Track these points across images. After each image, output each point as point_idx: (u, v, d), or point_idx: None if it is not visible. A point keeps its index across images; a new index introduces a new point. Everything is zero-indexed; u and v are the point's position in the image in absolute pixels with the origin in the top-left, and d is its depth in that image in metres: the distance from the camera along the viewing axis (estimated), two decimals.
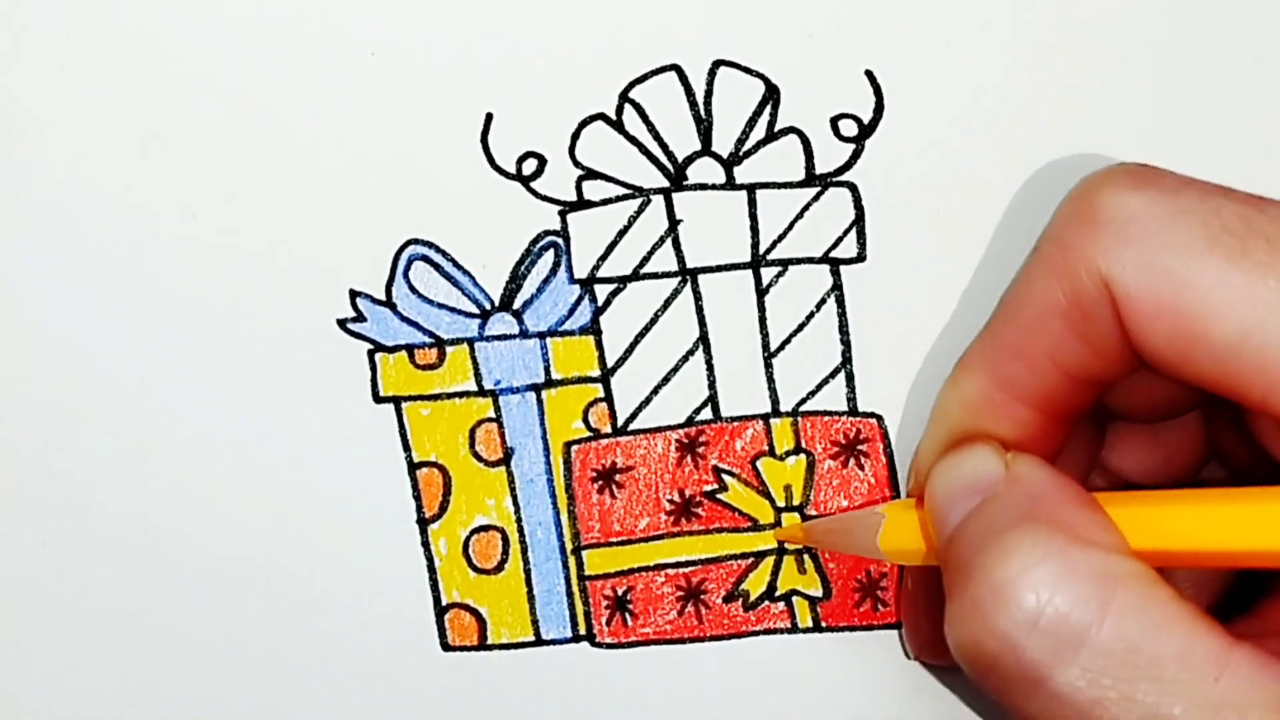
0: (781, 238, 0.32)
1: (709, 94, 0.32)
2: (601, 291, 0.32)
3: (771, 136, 0.32)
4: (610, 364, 0.32)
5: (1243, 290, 0.23)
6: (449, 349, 0.32)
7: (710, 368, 0.33)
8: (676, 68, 0.31)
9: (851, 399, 0.33)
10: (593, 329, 0.32)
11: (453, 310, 0.32)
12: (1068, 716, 0.23)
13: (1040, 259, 0.26)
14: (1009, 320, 0.27)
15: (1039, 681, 0.23)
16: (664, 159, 0.32)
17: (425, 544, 0.33)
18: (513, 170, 0.32)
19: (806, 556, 0.33)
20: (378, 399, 0.32)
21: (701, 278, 0.32)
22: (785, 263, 0.32)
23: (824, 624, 0.33)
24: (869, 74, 0.32)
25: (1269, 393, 0.24)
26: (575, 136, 0.32)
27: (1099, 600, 0.23)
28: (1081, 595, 0.23)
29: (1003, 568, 0.24)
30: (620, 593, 0.33)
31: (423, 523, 0.33)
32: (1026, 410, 0.27)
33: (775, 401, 0.33)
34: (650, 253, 0.32)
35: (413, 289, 0.32)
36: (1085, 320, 0.26)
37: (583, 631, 0.33)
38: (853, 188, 0.32)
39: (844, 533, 0.31)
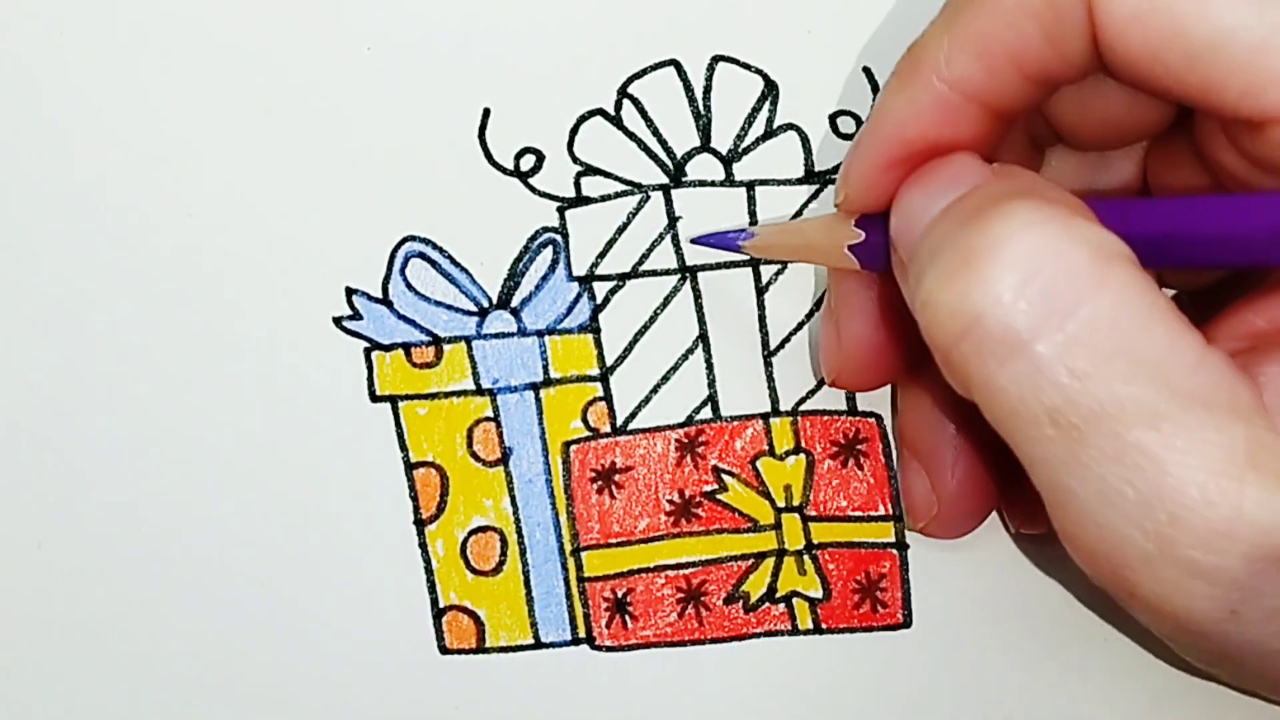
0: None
1: (708, 90, 0.32)
2: (600, 289, 0.32)
3: (770, 133, 0.32)
4: (609, 362, 0.32)
5: None
6: (446, 347, 0.32)
7: (710, 366, 0.32)
8: (675, 63, 0.31)
9: (851, 398, 0.33)
10: (591, 327, 0.32)
11: (450, 308, 0.32)
12: (1040, 388, 0.22)
13: None
14: (971, 20, 0.25)
15: (1019, 347, 0.22)
16: (663, 155, 0.32)
17: (422, 545, 0.32)
18: (510, 166, 0.32)
19: (806, 557, 0.33)
20: (374, 398, 0.32)
21: (701, 275, 0.32)
22: (785, 261, 0.32)
23: (824, 626, 0.33)
24: (867, 71, 0.32)
25: (1243, 94, 0.23)
26: (574, 132, 0.32)
27: (1096, 272, 0.22)
28: (1079, 263, 0.22)
29: (1002, 225, 0.23)
30: (620, 595, 0.33)
31: (420, 524, 0.32)
32: (977, 110, 0.26)
33: (775, 400, 0.33)
34: (649, 250, 0.32)
35: (410, 286, 0.32)
36: (1056, 21, 0.24)
37: (582, 634, 0.33)
38: None
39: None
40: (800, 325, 0.32)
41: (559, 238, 0.32)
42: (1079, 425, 0.22)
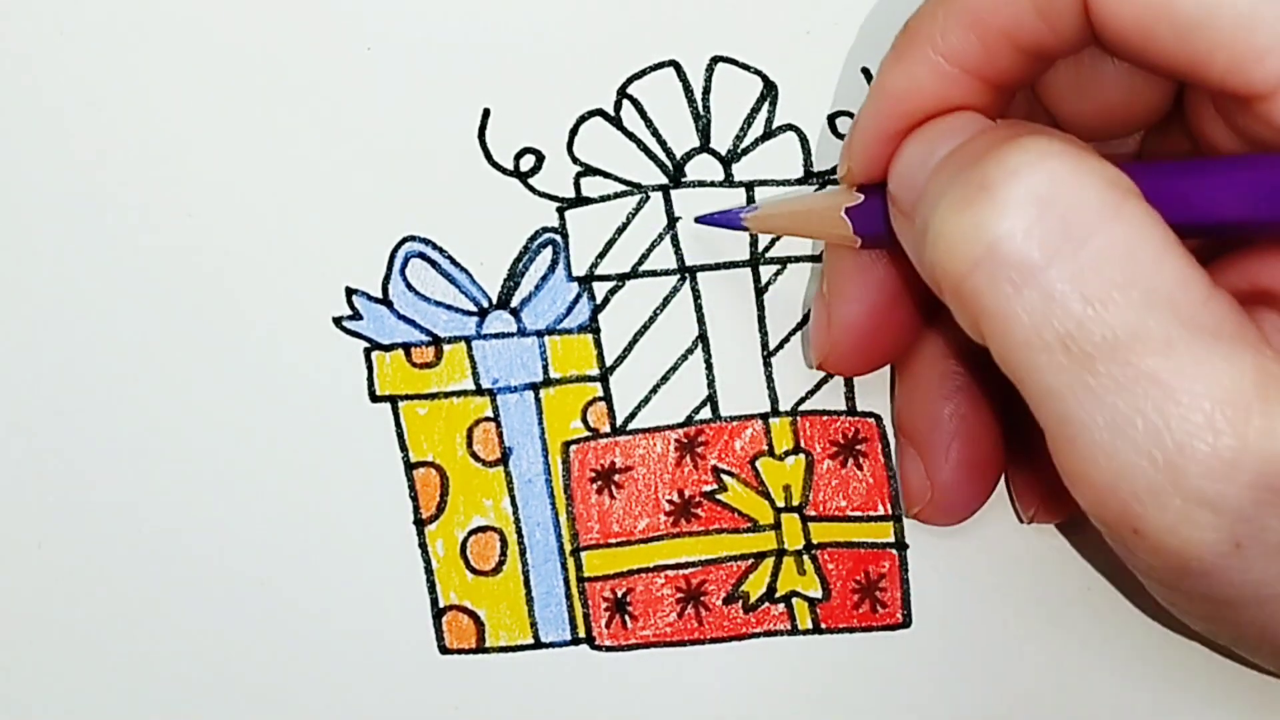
0: (780, 235, 0.32)
1: (707, 90, 0.32)
2: (600, 289, 0.32)
3: (769, 134, 0.32)
4: (609, 363, 0.32)
5: None
6: (446, 347, 0.32)
7: (709, 367, 0.32)
8: (675, 64, 0.31)
9: (850, 398, 0.33)
10: (591, 327, 0.32)
11: (450, 308, 0.32)
12: (1054, 315, 0.22)
13: None
14: None
15: (1034, 273, 0.22)
16: (662, 155, 0.32)
17: (422, 545, 0.33)
18: (510, 166, 0.32)
19: (806, 557, 0.33)
20: (374, 398, 0.32)
21: (700, 275, 0.32)
22: (784, 261, 0.32)
23: (823, 625, 0.33)
24: (865, 72, 0.32)
25: (1230, 69, 0.23)
26: (573, 132, 0.32)
27: (1110, 203, 0.23)
28: (1093, 194, 0.23)
29: (1018, 156, 0.23)
30: (619, 594, 0.33)
31: (420, 524, 0.32)
32: (973, 82, 0.27)
33: (774, 401, 0.33)
34: (649, 250, 0.32)
35: (410, 286, 0.32)
36: None
37: (582, 634, 0.33)
38: None
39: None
40: (799, 326, 0.32)
41: (559, 238, 0.32)
42: (1091, 352, 0.22)
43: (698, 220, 0.31)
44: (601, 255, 0.32)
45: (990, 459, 0.31)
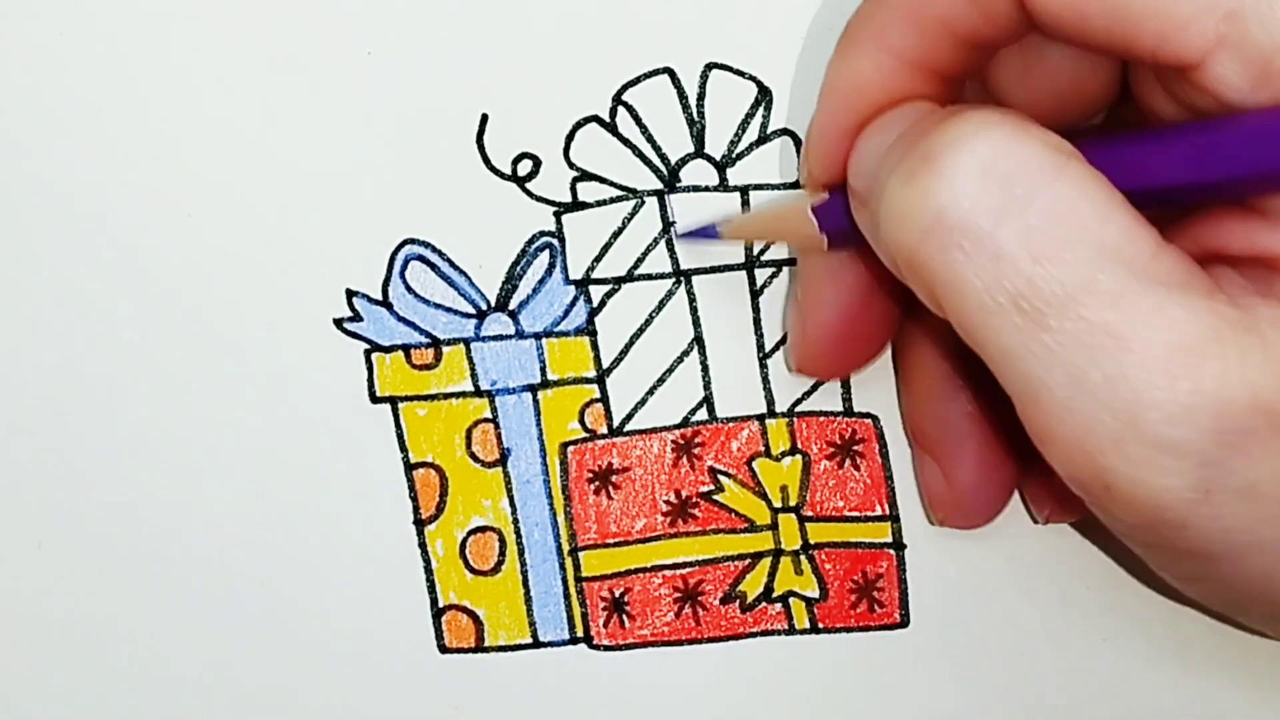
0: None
1: (701, 96, 0.32)
2: (596, 292, 0.32)
3: (764, 139, 0.32)
4: (606, 365, 0.32)
5: None
6: (445, 349, 0.32)
7: (705, 369, 0.33)
8: (669, 70, 0.32)
9: (846, 399, 0.33)
10: (588, 330, 0.32)
11: (449, 310, 0.32)
12: (1004, 275, 0.23)
13: None
14: None
15: (982, 237, 0.23)
16: (657, 161, 0.32)
17: (422, 545, 0.33)
18: (508, 171, 0.32)
19: (803, 557, 0.33)
20: (374, 399, 0.32)
21: (696, 279, 0.32)
22: (779, 264, 0.32)
23: (821, 625, 0.33)
24: None
25: (1159, 41, 0.24)
26: (570, 138, 0.32)
27: (1052, 164, 0.23)
28: (1034, 156, 0.23)
29: (959, 126, 0.23)
30: (617, 594, 0.33)
31: (419, 524, 0.33)
32: (919, 74, 0.27)
33: (770, 402, 0.33)
34: (645, 254, 0.32)
35: (409, 289, 0.32)
36: None
37: (580, 634, 0.33)
38: None
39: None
40: None
41: (556, 241, 0.32)
42: (1043, 309, 0.23)
43: (679, 236, 0.32)
44: (598, 259, 0.32)
45: (1007, 453, 0.31)
